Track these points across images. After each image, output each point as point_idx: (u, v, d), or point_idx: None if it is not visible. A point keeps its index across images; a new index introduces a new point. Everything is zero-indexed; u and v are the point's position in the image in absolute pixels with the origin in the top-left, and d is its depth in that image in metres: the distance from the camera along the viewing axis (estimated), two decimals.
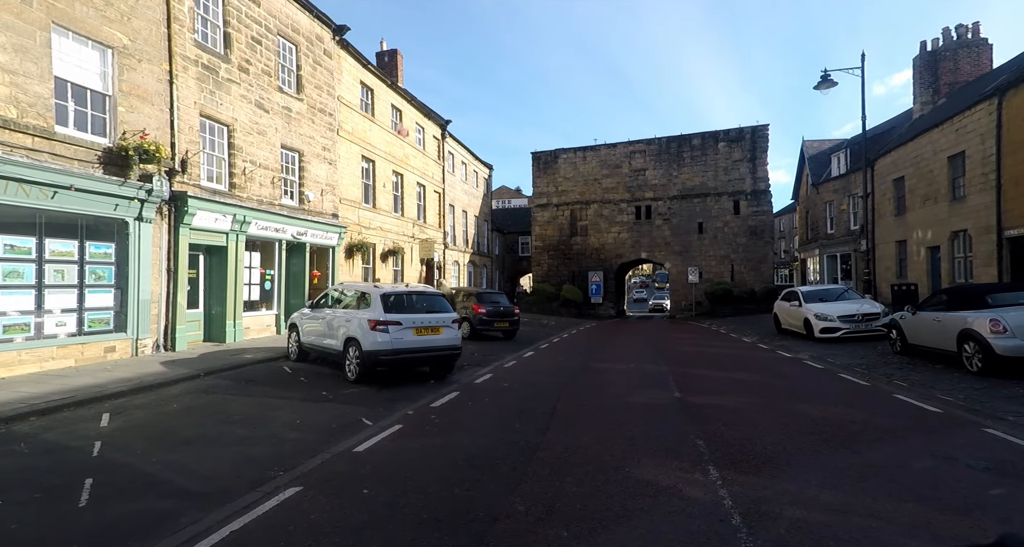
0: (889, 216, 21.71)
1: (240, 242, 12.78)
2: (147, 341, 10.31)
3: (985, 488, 3.95)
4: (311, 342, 9.94)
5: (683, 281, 31.77)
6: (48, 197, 8.43)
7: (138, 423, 5.98)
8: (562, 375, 9.65)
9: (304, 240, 15.10)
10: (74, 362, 8.97)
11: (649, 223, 32.94)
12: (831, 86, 17.03)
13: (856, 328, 13.08)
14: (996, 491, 3.90)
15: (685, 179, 32.36)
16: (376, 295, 8.64)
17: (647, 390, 8.09)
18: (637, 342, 16.38)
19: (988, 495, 3.83)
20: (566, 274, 34.29)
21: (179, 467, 4.58)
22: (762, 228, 30.92)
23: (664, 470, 4.40)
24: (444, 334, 8.93)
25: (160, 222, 10.70)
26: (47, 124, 8.53)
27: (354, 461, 4.79)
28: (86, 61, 9.34)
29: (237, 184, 12.88)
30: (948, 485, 3.99)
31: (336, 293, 10.02)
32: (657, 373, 9.80)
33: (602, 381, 9.02)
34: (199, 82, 11.74)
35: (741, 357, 12.19)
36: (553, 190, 35.23)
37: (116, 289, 9.91)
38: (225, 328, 12.37)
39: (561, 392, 7.98)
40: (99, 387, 7.41)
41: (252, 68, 13.43)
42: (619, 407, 6.93)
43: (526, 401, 7.39)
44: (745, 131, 31.27)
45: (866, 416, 6.23)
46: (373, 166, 19.97)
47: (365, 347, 8.22)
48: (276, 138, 14.34)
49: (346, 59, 18.10)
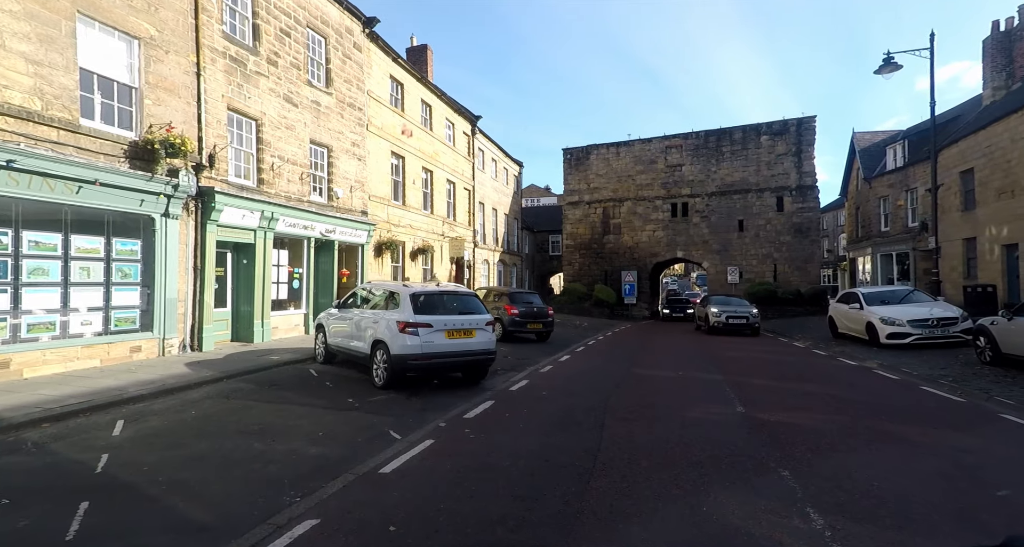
0: (954, 212, 20.02)
1: (268, 239, 12.46)
2: (174, 341, 10.03)
3: None
4: (338, 344, 9.46)
5: (722, 281, 30.42)
6: (73, 192, 8.18)
7: (152, 432, 5.54)
8: (604, 383, 8.89)
9: (333, 238, 14.74)
10: (100, 362, 8.72)
11: (686, 221, 31.69)
12: (895, 70, 15.64)
13: (930, 334, 11.83)
14: None
15: (724, 174, 30.99)
16: (405, 295, 8.07)
17: (705, 403, 7.26)
18: (679, 346, 15.41)
19: None
20: (598, 273, 33.35)
21: (185, 490, 4.05)
22: (808, 225, 29.32)
23: (750, 511, 3.62)
24: (478, 337, 8.30)
25: (187, 218, 10.42)
26: (72, 117, 8.28)
27: (380, 485, 4.18)
28: (112, 52, 9.09)
29: (265, 180, 12.57)
30: None
31: (364, 292, 9.52)
32: (711, 383, 8.93)
33: (650, 391, 8.22)
34: (227, 75, 11.44)
35: (799, 364, 11.15)
36: (585, 187, 34.33)
37: (142, 287, 9.65)
38: (253, 328, 12.06)
39: (606, 403, 7.24)
40: (119, 390, 7.06)
41: (281, 61, 13.11)
42: (676, 424, 6.14)
43: (568, 414, 6.68)
44: (790, 123, 29.69)
45: (983, 443, 5.27)
46: (403, 162, 19.55)
47: (393, 351, 7.65)
48: (305, 133, 14.01)
49: (375, 53, 17.71)
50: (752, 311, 19.23)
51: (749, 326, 18.76)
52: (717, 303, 20.26)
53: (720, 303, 20.27)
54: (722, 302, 20.54)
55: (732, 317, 18.87)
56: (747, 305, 20.28)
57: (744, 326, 18.73)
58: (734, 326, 18.71)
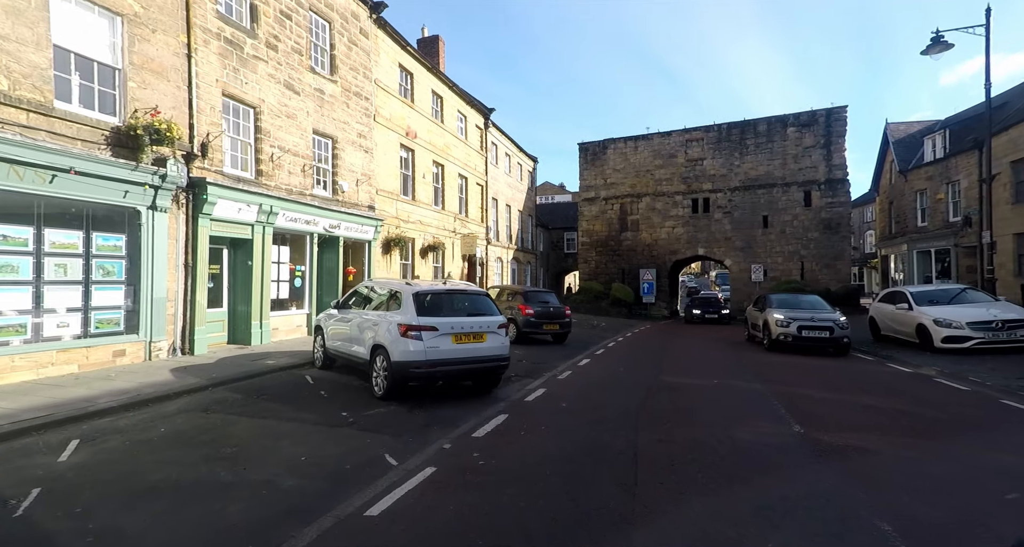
0: (1004, 205, 18.59)
1: (267, 235, 11.70)
2: (162, 344, 9.29)
3: None
4: (336, 348, 8.62)
5: (745, 280, 29.12)
6: (46, 181, 7.44)
7: (106, 457, 4.72)
8: (631, 393, 7.92)
9: (337, 233, 13.95)
10: (77, 368, 7.99)
11: (707, 217, 30.41)
12: (944, 49, 14.34)
13: (994, 338, 10.62)
14: None
15: (748, 168, 29.64)
16: (408, 294, 7.18)
17: (752, 420, 6.25)
18: (707, 349, 14.33)
19: None
20: (615, 272, 32.23)
21: (117, 544, 3.20)
22: (838, 221, 27.86)
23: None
24: (489, 342, 7.39)
25: (177, 212, 9.68)
26: (44, 98, 7.55)
27: (363, 534, 3.31)
28: (92, 29, 8.34)
29: (264, 171, 11.80)
30: None
31: (365, 291, 8.66)
32: (753, 394, 7.90)
33: (685, 404, 7.23)
34: (221, 58, 10.68)
35: (847, 371, 10.03)
36: (601, 183, 33.20)
37: (127, 286, 8.92)
38: (250, 329, 11.31)
39: (637, 419, 6.28)
40: (88, 402, 6.29)
41: (281, 45, 12.33)
42: (724, 449, 5.16)
43: (594, 431, 5.74)
44: (818, 114, 28.23)
45: None
46: (412, 155, 18.72)
47: (394, 357, 6.78)
48: (307, 122, 13.22)
49: (383, 40, 16.89)
50: (837, 318, 12.55)
51: (833, 342, 12.08)
52: (781, 305, 13.78)
53: (786, 305, 13.75)
54: (788, 303, 13.94)
55: (807, 326, 12.31)
56: (826, 307, 13.58)
57: (826, 342, 12.14)
58: (810, 342, 12.24)
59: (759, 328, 14.41)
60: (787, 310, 13.24)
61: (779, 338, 12.66)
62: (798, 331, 12.34)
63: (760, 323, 14.20)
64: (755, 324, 14.99)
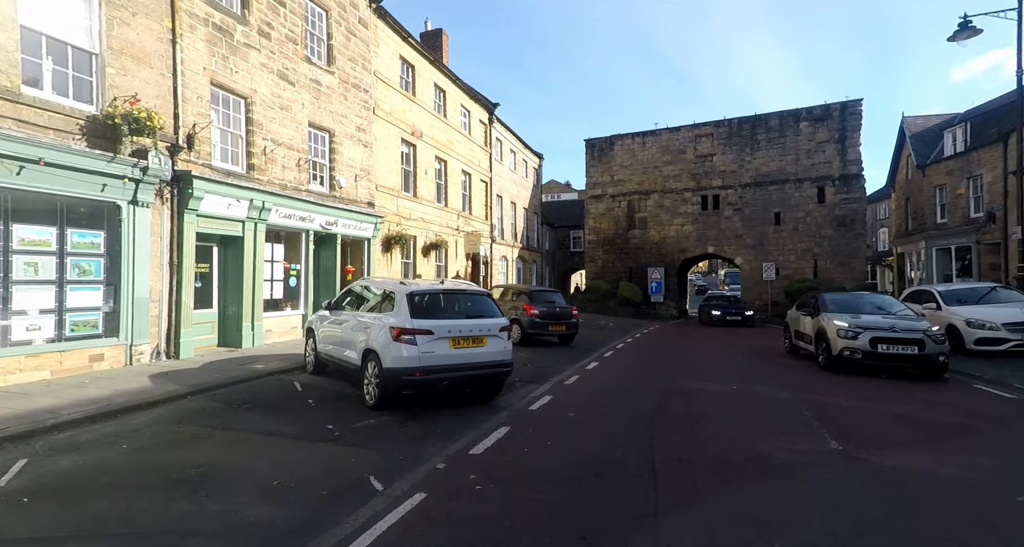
0: None
1: (259, 232, 11.14)
2: (144, 347, 8.76)
3: None
4: (328, 352, 8.05)
5: (756, 278, 28.36)
6: (12, 173, 6.90)
7: (51, 481, 4.15)
8: (644, 400, 7.30)
9: (335, 231, 13.39)
10: (50, 374, 7.46)
11: (717, 214, 29.67)
12: (972, 35, 13.61)
13: None
14: None
15: (759, 164, 28.88)
16: (401, 294, 6.59)
17: (784, 435, 5.60)
18: (721, 350, 13.66)
19: None
20: (623, 270, 31.56)
21: None
22: (852, 217, 27.06)
23: None
24: (490, 346, 6.78)
25: (160, 207, 9.14)
26: (10, 83, 7.01)
27: None
28: (66, 11, 7.80)
29: (256, 165, 11.25)
30: None
31: (360, 290, 8.08)
32: (777, 401, 7.26)
33: (703, 412, 6.60)
34: (209, 45, 10.13)
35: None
36: (608, 180, 32.53)
37: (107, 286, 8.38)
38: (242, 331, 10.76)
39: (651, 431, 5.67)
40: (51, 413, 5.75)
41: (274, 33, 11.77)
42: (752, 468, 4.54)
43: (605, 448, 5.14)
44: (832, 108, 27.42)
45: None
46: (414, 150, 18.14)
47: (386, 364, 6.19)
48: (303, 115, 12.66)
49: (384, 30, 16.31)
50: (927, 327, 9.12)
51: (925, 360, 8.74)
52: (841, 307, 10.36)
53: (847, 308, 10.32)
54: (849, 305, 10.54)
55: (885, 339, 8.91)
56: (904, 311, 10.23)
57: (913, 361, 8.82)
58: (889, 360, 8.90)
59: (808, 338, 10.86)
60: (851, 315, 9.80)
61: (843, 354, 9.22)
62: (871, 345, 8.89)
63: (810, 332, 10.73)
64: (801, 332, 11.50)
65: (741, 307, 23.90)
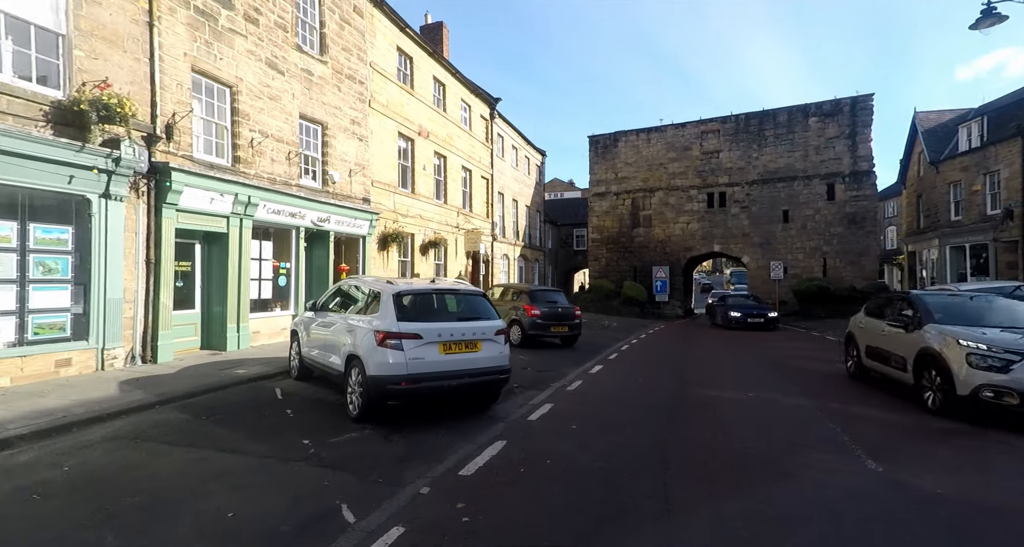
0: None
1: (245, 228, 10.56)
2: (117, 351, 8.18)
3: None
4: (313, 357, 7.45)
5: (764, 277, 27.64)
6: None
7: None
8: (654, 409, 6.68)
9: (327, 228, 12.80)
10: (9, 381, 6.89)
11: (723, 211, 28.97)
12: (996, 22, 12.75)
13: None
14: None
15: (767, 161, 28.17)
16: (387, 295, 5.98)
17: (812, 452, 4.97)
18: (733, 352, 13.02)
19: None
20: (627, 269, 30.91)
21: None
22: (863, 215, 26.33)
23: None
24: (485, 351, 6.18)
25: (136, 201, 8.56)
26: None
27: None
28: None
29: (242, 158, 10.66)
30: None
31: (347, 289, 7.48)
32: (800, 411, 6.63)
33: (720, 426, 5.98)
34: (191, 29, 9.54)
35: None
36: (612, 177, 31.86)
37: (76, 285, 7.81)
38: (226, 333, 10.18)
39: (665, 450, 5.05)
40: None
41: (263, 19, 11.18)
42: (786, 495, 3.92)
43: (613, 467, 4.54)
44: (843, 103, 26.68)
45: None
46: (412, 145, 17.54)
47: (370, 371, 5.59)
48: (293, 106, 12.08)
49: (380, 20, 15.71)
50: None
51: None
52: (956, 317, 6.90)
53: (963, 317, 6.90)
54: (966, 314, 7.02)
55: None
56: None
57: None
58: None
59: (897, 361, 7.37)
60: (979, 329, 6.45)
61: (981, 395, 5.85)
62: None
63: (900, 352, 7.28)
64: (878, 349, 8.01)
65: (764, 308, 20.71)
